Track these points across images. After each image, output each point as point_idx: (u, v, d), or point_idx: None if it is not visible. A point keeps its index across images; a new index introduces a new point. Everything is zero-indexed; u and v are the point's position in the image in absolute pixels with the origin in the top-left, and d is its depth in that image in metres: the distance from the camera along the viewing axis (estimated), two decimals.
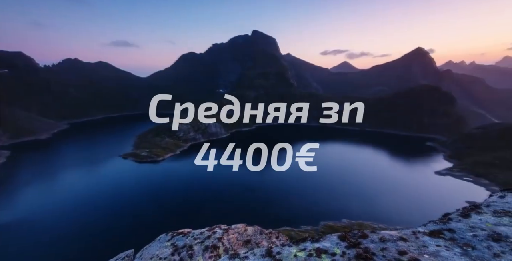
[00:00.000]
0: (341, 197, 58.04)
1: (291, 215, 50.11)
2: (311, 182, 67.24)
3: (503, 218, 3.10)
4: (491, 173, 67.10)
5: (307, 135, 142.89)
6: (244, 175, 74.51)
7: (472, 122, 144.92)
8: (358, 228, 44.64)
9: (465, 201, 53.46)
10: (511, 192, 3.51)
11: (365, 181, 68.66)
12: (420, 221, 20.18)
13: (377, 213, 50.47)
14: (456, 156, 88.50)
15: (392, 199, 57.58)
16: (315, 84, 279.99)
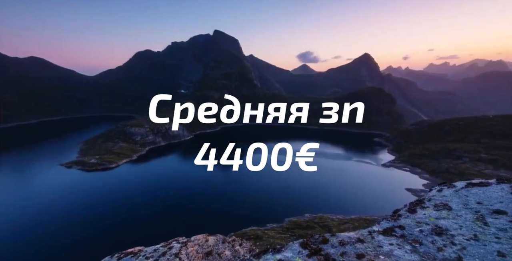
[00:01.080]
0: (304, 193, 61.09)
1: (258, 215, 50.60)
2: (274, 181, 69.19)
3: (442, 211, 3.37)
4: (423, 163, 79.30)
5: (275, 135, 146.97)
6: (208, 178, 72.50)
7: (408, 119, 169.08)
8: (319, 220, 47.71)
9: (405, 188, 61.87)
10: (446, 186, 3.86)
11: (325, 176, 73.78)
12: (371, 208, 22.27)
13: (336, 205, 54.54)
14: (397, 150, 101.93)
15: (348, 190, 63.11)
16: (278, 85, 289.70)
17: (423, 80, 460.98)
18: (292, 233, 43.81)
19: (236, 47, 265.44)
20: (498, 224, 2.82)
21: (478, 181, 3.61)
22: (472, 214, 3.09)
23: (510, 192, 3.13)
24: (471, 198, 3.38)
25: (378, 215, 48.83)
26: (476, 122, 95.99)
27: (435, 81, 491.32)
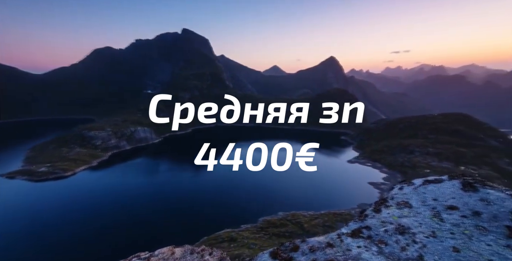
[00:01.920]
0: (277, 192, 62.24)
1: (232, 216, 49.98)
2: (248, 181, 69.22)
3: (404, 209, 3.50)
4: (382, 158, 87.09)
5: (248, 135, 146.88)
6: (178, 182, 69.40)
7: (369, 118, 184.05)
8: (292, 217, 49.00)
9: (368, 182, 67.08)
10: (406, 184, 4.04)
11: (296, 174, 76.23)
12: (339, 202, 23.30)
13: (307, 201, 56.60)
14: (360, 147, 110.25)
15: (318, 187, 66.09)
16: (250, 85, 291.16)
17: (381, 83, 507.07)
18: (266, 232, 44.22)
19: (207, 47, 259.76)
20: (452, 219, 2.97)
21: (433, 178, 3.82)
22: (430, 211, 3.23)
23: (460, 188, 3.34)
24: (428, 195, 3.55)
25: (345, 209, 52.04)
26: (424, 120, 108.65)
27: (390, 83, 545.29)
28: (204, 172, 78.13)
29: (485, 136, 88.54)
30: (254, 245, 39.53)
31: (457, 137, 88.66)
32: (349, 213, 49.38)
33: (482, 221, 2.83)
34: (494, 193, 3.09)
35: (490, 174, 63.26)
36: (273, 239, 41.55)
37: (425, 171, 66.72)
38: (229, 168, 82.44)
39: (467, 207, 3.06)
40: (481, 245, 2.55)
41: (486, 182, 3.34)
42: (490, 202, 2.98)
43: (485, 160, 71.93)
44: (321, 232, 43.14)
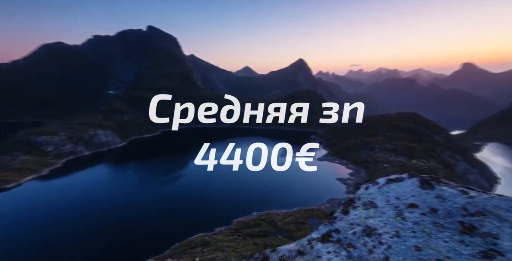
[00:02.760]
0: (250, 192, 62.40)
1: (205, 220, 48.69)
2: (221, 183, 68.16)
3: (370, 210, 3.55)
4: (348, 155, 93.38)
5: (223, 136, 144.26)
6: (147, 188, 65.18)
7: None
8: (266, 217, 49.55)
9: (336, 178, 71.17)
10: (371, 183, 4.13)
11: (270, 173, 77.45)
12: (310, 199, 23.97)
13: (281, 200, 57.80)
14: (329, 145, 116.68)
15: (290, 185, 68.01)
16: (222, 86, 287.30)
17: (345, 84, 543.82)
18: (240, 233, 43.97)
19: (175, 46, 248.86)
20: (413, 217, 3.05)
21: (395, 177, 3.95)
22: (393, 210, 3.30)
23: (418, 186, 3.47)
24: (391, 194, 3.64)
25: (316, 204, 54.39)
26: (382, 119, 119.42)
27: (354, 84, 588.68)
28: (174, 177, 74.76)
29: (431, 133, 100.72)
30: (228, 247, 38.96)
31: (410, 134, 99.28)
32: (319, 208, 51.70)
33: (439, 217, 2.94)
34: (448, 190, 3.26)
35: (435, 166, 72.07)
36: (247, 240, 41.44)
37: (384, 166, 73.23)
38: (201, 172, 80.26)
39: (425, 205, 3.18)
40: (439, 242, 2.63)
41: (440, 179, 3.54)
42: (445, 199, 3.13)
43: (432, 154, 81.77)
44: (294, 229, 44.43)
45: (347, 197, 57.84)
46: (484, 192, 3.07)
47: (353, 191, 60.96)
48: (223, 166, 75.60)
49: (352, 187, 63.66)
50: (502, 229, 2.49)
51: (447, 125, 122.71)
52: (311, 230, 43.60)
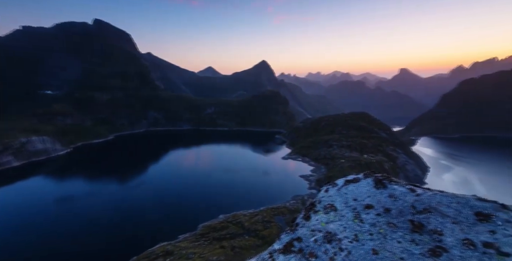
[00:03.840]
0: (216, 194, 61.03)
1: (166, 228, 45.81)
2: (185, 188, 65.18)
3: (330, 213, 3.52)
4: (309, 153, 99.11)
5: (184, 140, 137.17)
6: (102, 196, 58.09)
7: (298, 118, 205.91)
8: (233, 219, 49.05)
9: (299, 176, 74.68)
10: (331, 185, 4.13)
11: (235, 173, 77.02)
12: (276, 197, 24.36)
13: (247, 200, 57.91)
14: (292, 144, 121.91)
15: (256, 184, 68.80)
16: (184, 87, 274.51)
17: (305, 86, 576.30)
18: (206, 238, 42.55)
19: (129, 43, 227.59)
20: (369, 219, 3.06)
21: (352, 178, 4.01)
22: (352, 213, 3.29)
23: (373, 186, 3.54)
24: (349, 195, 3.65)
25: (281, 202, 56.02)
26: (338, 119, 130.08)
27: (313, 86, 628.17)
28: (130, 185, 68.49)
29: (378, 130, 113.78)
30: (193, 254, 37.26)
31: (361, 131, 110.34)
32: (284, 206, 53.36)
33: (392, 217, 3.00)
34: (398, 188, 3.39)
35: (382, 159, 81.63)
36: (213, 244, 40.28)
37: (341, 161, 79.77)
38: (161, 178, 75.37)
39: (380, 205, 3.24)
40: (394, 243, 2.66)
41: (392, 178, 3.69)
42: (396, 198, 3.23)
43: (379, 148, 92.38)
44: (261, 228, 44.88)
45: (310, 193, 61.19)
46: (429, 189, 3.28)
47: (315, 186, 64.77)
48: (186, 171, 73.81)
49: (314, 183, 67.52)
50: (445, 225, 2.64)
51: (390, 123, 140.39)
52: (277, 228, 44.70)
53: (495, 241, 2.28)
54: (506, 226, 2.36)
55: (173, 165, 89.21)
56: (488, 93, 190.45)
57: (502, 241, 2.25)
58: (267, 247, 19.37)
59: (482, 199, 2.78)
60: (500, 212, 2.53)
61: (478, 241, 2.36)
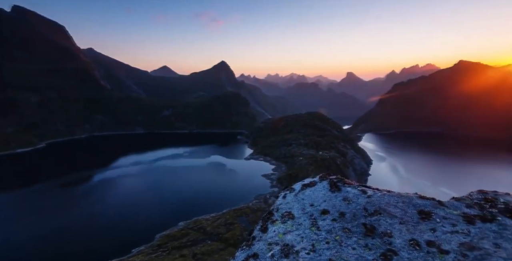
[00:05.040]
0: (175, 201, 57.50)
1: (118, 243, 41.08)
2: (138, 197, 59.67)
3: (288, 222, 3.35)
4: (271, 152, 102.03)
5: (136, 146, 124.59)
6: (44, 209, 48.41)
7: (259, 118, 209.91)
8: (194, 225, 46.89)
9: (261, 175, 76.05)
10: (288, 190, 3.99)
11: (196, 177, 73.92)
12: (239, 198, 24.05)
13: (209, 204, 56.08)
14: (254, 144, 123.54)
15: (218, 187, 67.31)
16: (135, 87, 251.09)
17: (265, 87, 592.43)
18: (164, 248, 39.74)
19: (64, 36, 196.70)
20: (326, 226, 2.96)
21: (308, 181, 3.93)
22: (309, 220, 3.16)
23: (329, 189, 3.50)
24: (306, 201, 3.54)
25: (244, 203, 56.06)
26: (296, 118, 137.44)
27: (272, 87, 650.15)
28: (75, 196, 59.38)
29: (331, 128, 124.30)
30: None
31: (316, 130, 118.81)
32: (247, 206, 53.49)
33: (346, 222, 2.95)
34: (351, 191, 3.39)
35: (335, 155, 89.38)
36: (173, 254, 37.78)
37: (299, 159, 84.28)
38: (112, 186, 67.66)
39: (335, 209, 3.18)
40: (349, 250, 2.58)
41: (345, 180, 3.72)
42: (350, 201, 3.22)
43: (332, 145, 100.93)
44: (224, 231, 43.95)
45: (272, 191, 62.78)
46: (378, 190, 3.39)
47: (277, 185, 66.80)
48: (139, 178, 67.99)
49: (275, 181, 69.57)
50: (394, 226, 2.69)
51: (340, 121, 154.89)
52: (240, 229, 44.41)
53: (436, 239, 2.38)
54: (443, 223, 2.50)
55: (123, 172, 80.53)
56: (414, 94, 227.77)
57: (442, 239, 2.36)
58: (230, 249, 19.09)
59: (423, 196, 2.96)
60: (438, 209, 2.70)
61: (422, 240, 2.43)
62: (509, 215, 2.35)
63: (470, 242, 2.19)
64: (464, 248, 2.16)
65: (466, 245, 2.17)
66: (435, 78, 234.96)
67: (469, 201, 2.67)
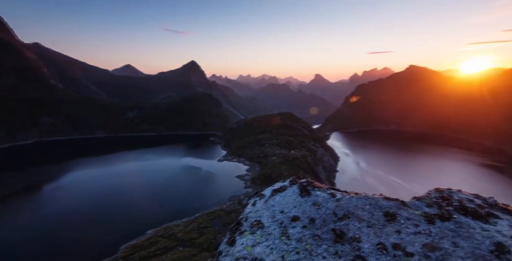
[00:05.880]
0: (142, 207, 53.83)
1: (77, 257, 36.99)
2: (99, 205, 54.56)
3: (257, 232, 3.15)
4: (244, 153, 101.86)
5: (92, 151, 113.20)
6: None
7: (232, 119, 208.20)
8: (164, 232, 44.41)
9: (235, 176, 75.39)
10: (258, 197, 3.80)
11: (165, 182, 70.20)
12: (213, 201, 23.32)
13: (180, 209, 53.65)
14: (227, 145, 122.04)
15: (190, 190, 64.85)
16: (94, 86, 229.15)
17: (237, 87, 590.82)
18: (130, 260, 36.93)
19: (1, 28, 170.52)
20: (296, 234, 2.82)
21: (279, 186, 3.78)
22: (279, 228, 3.00)
23: (299, 195, 3.38)
24: (276, 207, 3.37)
25: (218, 205, 54.89)
26: (269, 119, 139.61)
27: (244, 88, 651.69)
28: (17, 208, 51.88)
29: (302, 128, 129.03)
30: None
31: (288, 129, 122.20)
32: (221, 208, 52.48)
33: (316, 228, 2.85)
34: (321, 195, 3.32)
35: (306, 154, 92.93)
36: None
37: (272, 158, 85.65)
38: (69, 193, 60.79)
39: (305, 215, 3.07)
40: (319, 259, 2.47)
41: (315, 183, 3.65)
42: (320, 205, 3.13)
43: (303, 144, 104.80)
44: (196, 236, 42.40)
45: (246, 192, 62.60)
46: (346, 192, 3.37)
47: (251, 185, 66.81)
48: (100, 184, 62.43)
49: (249, 182, 69.53)
50: (362, 230, 2.66)
51: (310, 121, 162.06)
52: (214, 232, 43.33)
53: (401, 242, 2.39)
54: (407, 224, 2.54)
55: (80, 179, 72.70)
56: (373, 95, 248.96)
57: (406, 241, 2.38)
58: (203, 254, 18.17)
59: (388, 198, 3.00)
60: (402, 210, 2.75)
61: (388, 243, 2.43)
62: (463, 213, 2.48)
63: (432, 242, 2.25)
64: (427, 249, 2.20)
65: (429, 246, 2.22)
66: (390, 80, 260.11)
67: (428, 200, 2.78)
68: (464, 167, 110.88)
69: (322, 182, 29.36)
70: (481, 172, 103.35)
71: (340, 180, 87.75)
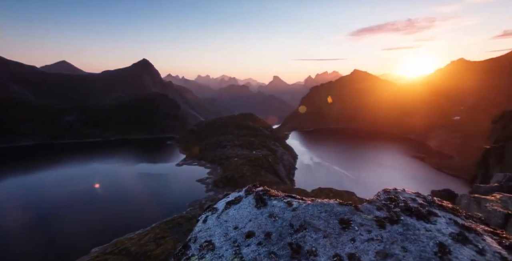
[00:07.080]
0: (87, 223, 47.07)
1: None
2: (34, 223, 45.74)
3: (206, 256, 2.75)
4: (205, 155, 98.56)
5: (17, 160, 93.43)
6: None
7: (191, 121, 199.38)
8: (114, 247, 39.67)
9: (196, 180, 72.29)
10: (210, 212, 3.37)
11: (116, 192, 62.92)
12: (171, 208, 21.68)
13: (134, 220, 48.83)
14: (186, 149, 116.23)
15: (148, 199, 59.51)
16: (17, 86, 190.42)
17: (195, 88, 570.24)
18: None
19: None
20: (250, 253, 2.52)
21: (233, 198, 3.43)
22: (232, 248, 2.65)
23: (255, 206, 3.09)
24: (230, 223, 3.01)
25: (178, 212, 51.71)
26: (230, 120, 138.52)
27: (204, 89, 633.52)
28: None
29: (262, 128, 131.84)
30: None
31: (249, 130, 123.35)
32: (181, 215, 49.55)
33: (272, 244, 2.59)
34: (277, 204, 3.10)
35: (267, 153, 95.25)
36: None
37: (234, 160, 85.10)
38: None
39: (261, 230, 2.79)
40: None
41: (270, 192, 3.42)
42: (276, 217, 2.90)
43: (264, 144, 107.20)
44: (153, 247, 39.00)
45: (208, 196, 60.58)
46: (302, 200, 3.23)
47: (212, 188, 64.93)
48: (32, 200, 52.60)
49: (211, 185, 67.48)
50: (318, 241, 2.52)
51: (270, 122, 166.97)
52: (172, 241, 40.54)
53: (356, 251, 2.31)
54: (361, 231, 2.48)
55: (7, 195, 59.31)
56: (325, 96, 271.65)
57: (361, 249, 2.30)
58: None
59: (342, 203, 2.95)
60: (355, 215, 2.71)
61: (344, 254, 2.32)
62: (408, 214, 2.56)
63: (384, 249, 2.23)
64: (380, 257, 2.17)
65: (381, 253, 2.19)
66: (338, 83, 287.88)
67: (378, 203, 2.82)
68: (396, 158, 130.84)
69: (283, 180, 30.80)
70: (408, 161, 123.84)
71: (298, 177, 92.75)
